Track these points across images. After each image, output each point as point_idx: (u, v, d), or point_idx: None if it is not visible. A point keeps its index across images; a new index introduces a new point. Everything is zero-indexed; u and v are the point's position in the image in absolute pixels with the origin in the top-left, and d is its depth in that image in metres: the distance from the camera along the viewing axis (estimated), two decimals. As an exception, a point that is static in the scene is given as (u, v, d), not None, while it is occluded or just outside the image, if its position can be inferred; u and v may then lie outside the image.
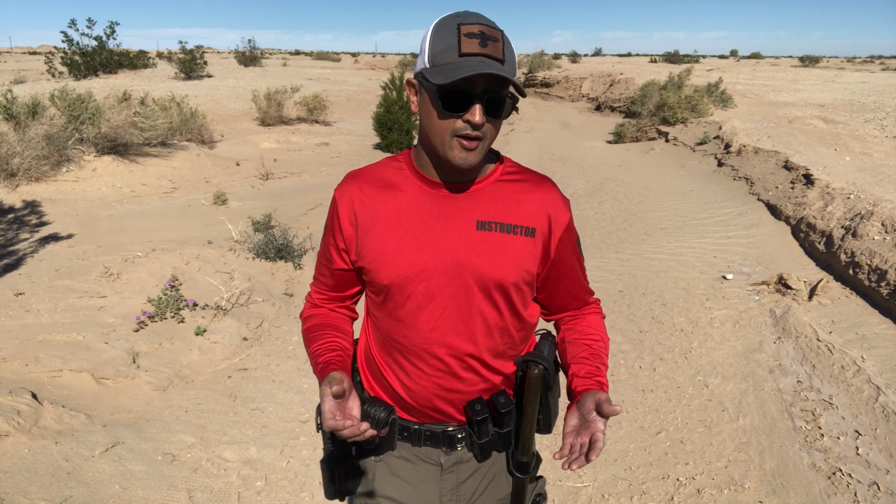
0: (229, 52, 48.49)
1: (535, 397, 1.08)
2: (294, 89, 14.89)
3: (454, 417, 1.17)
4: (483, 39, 0.94)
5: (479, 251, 1.06)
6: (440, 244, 1.07)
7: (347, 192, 1.14)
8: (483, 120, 0.96)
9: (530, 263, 1.09)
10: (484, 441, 1.15)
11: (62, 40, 21.58)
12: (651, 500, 2.43)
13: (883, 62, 48.29)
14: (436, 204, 1.08)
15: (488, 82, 0.95)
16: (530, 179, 1.14)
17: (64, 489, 2.32)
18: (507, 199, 1.10)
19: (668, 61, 36.40)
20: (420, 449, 1.20)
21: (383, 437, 1.17)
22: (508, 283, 1.07)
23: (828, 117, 11.62)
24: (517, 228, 1.08)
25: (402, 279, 1.08)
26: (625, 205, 7.24)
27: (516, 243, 1.08)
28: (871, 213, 4.97)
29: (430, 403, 1.14)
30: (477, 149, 1.00)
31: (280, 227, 5.47)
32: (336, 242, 1.16)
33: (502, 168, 1.13)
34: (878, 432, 2.79)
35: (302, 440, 2.80)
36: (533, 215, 1.09)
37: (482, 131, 0.98)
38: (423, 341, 1.10)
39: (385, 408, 1.14)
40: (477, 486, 1.21)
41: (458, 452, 1.19)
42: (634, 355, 3.65)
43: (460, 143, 0.99)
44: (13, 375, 3.07)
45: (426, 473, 1.20)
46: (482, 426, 1.13)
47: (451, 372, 1.11)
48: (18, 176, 6.78)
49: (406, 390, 1.15)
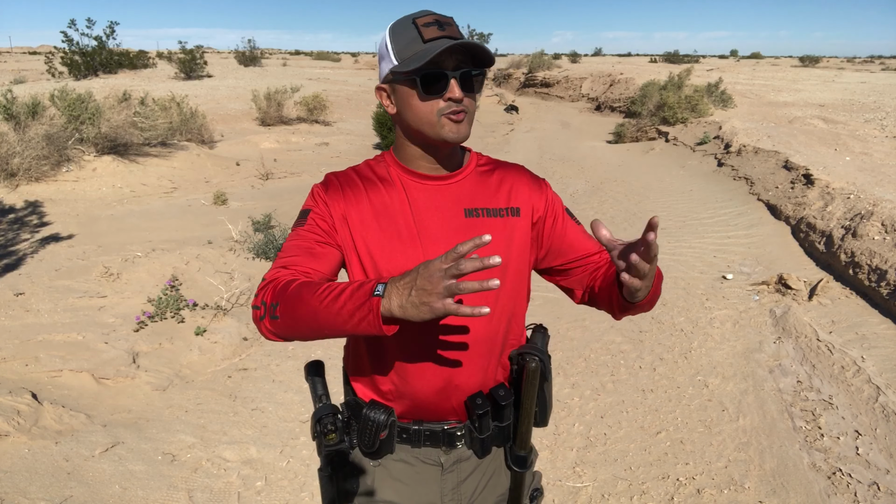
0: (229, 52, 48.49)
1: (533, 390, 1.09)
2: (294, 89, 14.88)
3: (453, 414, 1.16)
4: (440, 25, 1.01)
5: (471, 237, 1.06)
6: (433, 235, 1.09)
7: (333, 184, 1.12)
8: (462, 94, 1.02)
9: (524, 241, 1.13)
10: (485, 436, 1.15)
11: (62, 40, 21.61)
12: (651, 500, 2.43)
13: (883, 62, 48.28)
14: (424, 196, 1.11)
15: (458, 61, 1.01)
16: (502, 167, 1.20)
17: (64, 489, 2.32)
18: (487, 186, 1.15)
19: (668, 61, 36.38)
20: (420, 450, 1.18)
21: (382, 441, 1.15)
22: (505, 265, 1.10)
23: (828, 117, 11.62)
24: (502, 211, 1.13)
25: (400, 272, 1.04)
26: (625, 205, 7.24)
27: (504, 224, 1.12)
28: (871, 213, 4.97)
29: (429, 401, 1.13)
30: (465, 121, 1.05)
31: (280, 227, 5.47)
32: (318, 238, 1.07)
33: (476, 160, 1.19)
34: (878, 432, 2.79)
35: (302, 440, 2.80)
36: (514, 197, 1.15)
37: (464, 105, 1.04)
38: (421, 337, 1.09)
39: (384, 410, 1.13)
40: (477, 483, 1.20)
41: (458, 451, 1.18)
42: (634, 355, 3.65)
43: (449, 119, 1.04)
44: (13, 375, 3.07)
45: (426, 475, 1.19)
46: (483, 420, 1.13)
47: (449, 366, 1.11)
48: (18, 176, 6.78)
49: (404, 390, 1.13)
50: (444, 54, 0.99)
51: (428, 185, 1.12)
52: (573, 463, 2.66)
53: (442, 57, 1.00)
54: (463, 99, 1.03)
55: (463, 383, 1.12)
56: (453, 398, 1.13)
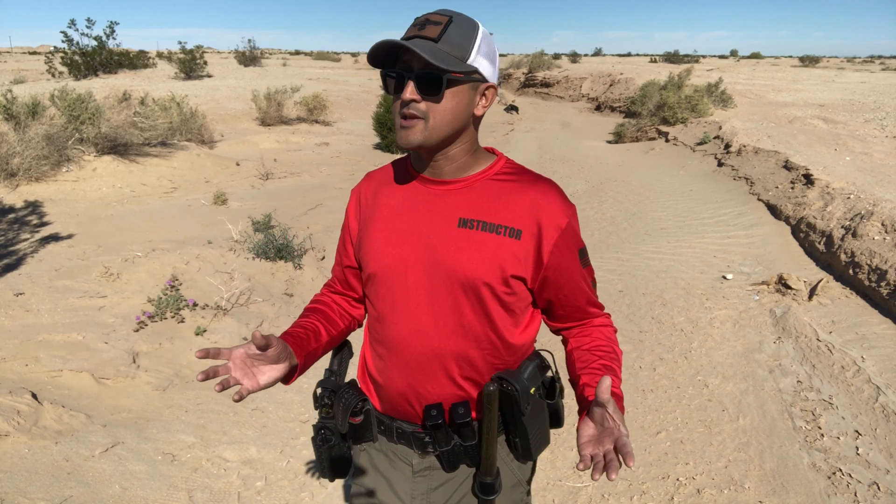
0: (229, 52, 48.49)
1: (489, 416, 1.03)
2: (294, 89, 14.87)
3: (418, 419, 1.14)
4: (424, 24, 0.97)
5: (457, 248, 1.04)
6: (421, 239, 1.07)
7: (357, 189, 1.22)
8: (414, 96, 0.97)
9: (511, 265, 1.03)
10: (445, 450, 1.12)
11: (62, 40, 21.56)
12: (651, 500, 2.43)
13: (883, 62, 48.27)
14: (422, 200, 1.09)
15: (422, 61, 0.95)
16: (526, 180, 1.08)
17: (64, 489, 2.32)
18: (495, 198, 1.06)
19: (668, 61, 36.38)
20: (396, 446, 1.19)
21: (359, 426, 1.18)
22: (481, 283, 1.03)
23: (828, 117, 11.62)
24: (501, 228, 1.03)
25: (384, 271, 1.10)
26: (625, 205, 7.24)
27: (498, 243, 1.03)
28: (871, 213, 4.97)
29: (398, 399, 1.14)
30: (416, 127, 0.99)
31: (280, 227, 5.47)
32: (345, 238, 1.23)
33: (498, 167, 1.10)
34: (878, 432, 2.79)
35: (302, 440, 2.80)
36: (521, 216, 1.04)
37: (418, 109, 0.98)
38: (397, 335, 1.10)
39: (358, 395, 1.16)
40: (449, 496, 1.18)
41: (431, 458, 1.16)
42: (634, 355, 3.65)
43: (401, 123, 1.00)
44: (13, 375, 3.07)
45: (400, 472, 1.19)
46: (437, 433, 1.10)
47: (420, 370, 1.10)
48: (18, 176, 6.78)
49: (381, 382, 1.16)
50: (406, 53, 0.96)
51: (429, 188, 1.10)
52: (573, 463, 2.66)
53: (407, 56, 0.97)
54: (419, 102, 0.97)
55: (425, 392, 1.11)
56: (415, 404, 1.13)
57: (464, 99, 1.01)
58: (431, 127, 0.99)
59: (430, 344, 1.08)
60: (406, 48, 0.94)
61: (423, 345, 1.08)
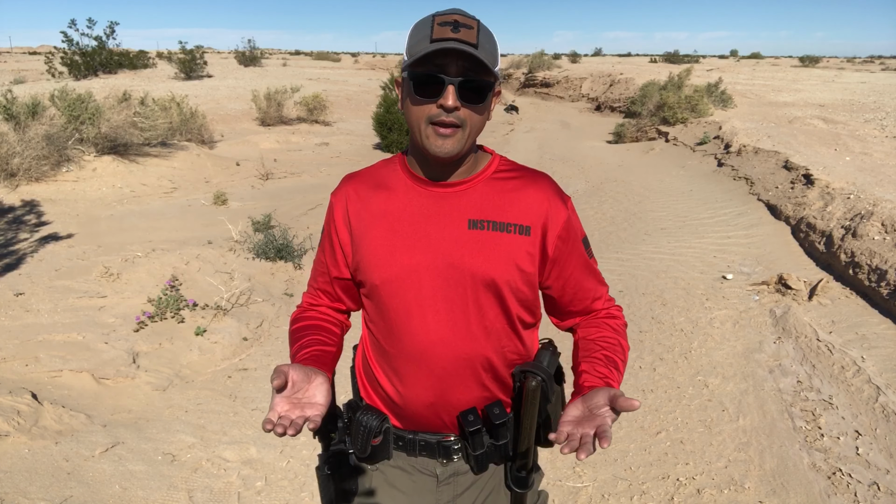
0: (229, 53, 48.44)
1: (534, 410, 1.03)
2: (294, 89, 14.88)
3: (447, 428, 1.12)
4: (456, 26, 0.92)
5: (472, 250, 1.03)
6: (431, 244, 1.04)
7: (342, 195, 1.13)
8: (456, 104, 0.93)
9: (526, 263, 1.04)
10: (479, 453, 1.11)
11: (62, 40, 21.59)
12: (651, 500, 2.43)
13: (883, 62, 48.28)
14: (427, 203, 1.06)
15: (463, 67, 0.92)
16: (525, 176, 1.09)
17: (64, 489, 2.32)
18: (500, 196, 1.06)
19: (668, 61, 36.38)
20: (416, 459, 1.16)
21: (377, 446, 1.13)
22: (502, 281, 1.03)
23: (828, 117, 11.62)
24: (511, 227, 1.04)
25: (393, 280, 1.05)
26: (625, 205, 7.24)
27: (510, 241, 1.03)
28: (871, 213, 4.97)
29: (425, 412, 1.11)
30: (454, 136, 0.96)
31: (280, 227, 5.47)
32: (333, 247, 1.14)
33: (495, 166, 1.10)
34: (878, 432, 2.79)
35: (302, 440, 2.80)
36: (527, 213, 1.05)
37: (458, 117, 0.95)
38: (417, 346, 1.06)
39: (377, 416, 1.11)
40: (474, 499, 1.17)
41: (455, 464, 1.15)
42: (634, 355, 3.65)
43: (435, 131, 0.96)
44: (13, 375, 3.07)
45: (422, 484, 1.17)
46: (476, 437, 1.09)
47: (449, 378, 1.07)
48: (18, 176, 6.78)
49: (401, 398, 1.11)
50: (443, 57, 0.92)
51: (432, 191, 1.06)
52: (573, 463, 2.66)
53: (443, 60, 0.93)
54: (459, 109, 0.94)
55: (455, 399, 1.09)
56: (444, 413, 1.10)
57: (490, 105, 1.01)
58: (468, 135, 0.98)
59: (457, 350, 1.05)
60: (456, 51, 0.91)
61: (449, 352, 1.05)
